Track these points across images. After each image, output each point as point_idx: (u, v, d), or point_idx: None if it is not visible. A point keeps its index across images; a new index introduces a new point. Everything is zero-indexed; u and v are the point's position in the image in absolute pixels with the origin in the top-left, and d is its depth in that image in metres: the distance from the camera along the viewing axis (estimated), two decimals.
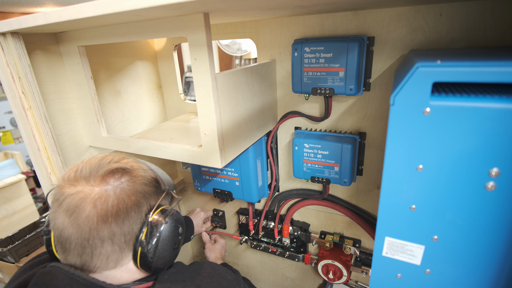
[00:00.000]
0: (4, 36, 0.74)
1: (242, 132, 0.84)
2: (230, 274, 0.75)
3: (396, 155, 0.47)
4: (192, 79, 2.84)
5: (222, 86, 0.71)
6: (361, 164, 0.97)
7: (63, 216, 0.53)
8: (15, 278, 0.62)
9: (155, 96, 1.26)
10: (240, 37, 1.04)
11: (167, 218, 0.59)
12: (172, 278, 0.64)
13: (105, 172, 0.56)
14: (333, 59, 0.82)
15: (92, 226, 0.52)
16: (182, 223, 0.63)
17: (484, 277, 0.48)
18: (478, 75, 0.39)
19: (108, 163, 0.58)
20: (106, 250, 0.55)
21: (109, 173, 0.56)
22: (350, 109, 0.93)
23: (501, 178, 0.42)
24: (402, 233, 0.52)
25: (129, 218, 0.55)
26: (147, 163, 0.66)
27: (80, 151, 1.01)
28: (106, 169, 0.56)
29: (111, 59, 1.05)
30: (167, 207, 0.61)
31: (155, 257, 0.58)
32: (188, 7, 0.54)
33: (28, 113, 0.80)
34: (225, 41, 2.10)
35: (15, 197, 2.55)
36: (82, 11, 0.59)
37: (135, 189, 0.57)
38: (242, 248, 1.44)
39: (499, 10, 0.68)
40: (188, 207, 1.53)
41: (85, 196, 0.53)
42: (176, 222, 0.61)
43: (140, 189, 0.58)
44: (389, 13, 0.79)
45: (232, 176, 1.06)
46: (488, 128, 0.40)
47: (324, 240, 1.10)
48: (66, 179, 0.56)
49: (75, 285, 0.52)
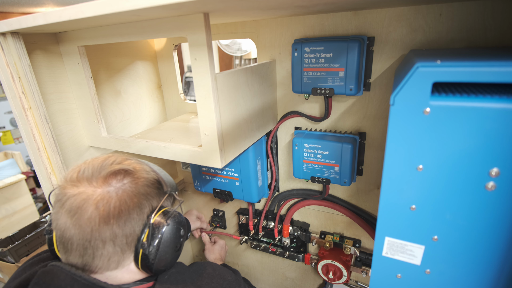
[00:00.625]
0: (4, 36, 0.74)
1: (242, 132, 0.84)
2: (230, 275, 0.75)
3: (396, 155, 0.47)
4: (192, 79, 2.83)
5: (222, 86, 0.71)
6: (361, 164, 0.97)
7: (65, 217, 0.53)
8: (16, 277, 0.62)
9: (155, 96, 1.26)
10: (240, 37, 1.04)
11: (169, 220, 0.59)
12: (172, 278, 0.64)
13: (107, 173, 0.56)
14: (333, 59, 0.82)
15: (94, 227, 0.52)
16: (184, 224, 0.63)
17: (484, 277, 0.48)
18: (478, 75, 0.39)
19: (110, 164, 0.58)
20: (107, 251, 0.55)
21: (111, 175, 0.56)
22: (350, 109, 0.93)
23: (501, 178, 0.42)
24: (402, 233, 0.52)
25: (131, 220, 0.55)
26: (150, 164, 0.66)
27: (80, 151, 1.01)
28: (109, 170, 0.56)
29: (111, 59, 1.05)
30: (169, 209, 0.61)
31: (156, 258, 0.58)
32: (188, 7, 0.54)
33: (28, 113, 0.80)
34: (225, 41, 2.11)
35: (15, 197, 2.55)
36: (82, 11, 0.59)
37: (137, 190, 0.57)
38: (242, 248, 1.44)
39: (499, 10, 0.68)
40: (188, 207, 1.53)
41: (87, 197, 0.53)
42: (177, 224, 0.60)
43: (142, 190, 0.57)
44: (389, 13, 0.79)
45: (232, 176, 1.06)
46: (488, 128, 0.40)
47: (324, 240, 1.10)
48: (69, 179, 0.56)
49: (76, 285, 0.52)
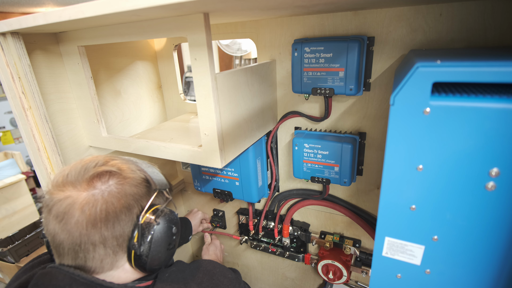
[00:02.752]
0: (4, 36, 0.74)
1: (242, 132, 0.84)
2: (231, 273, 0.75)
3: (396, 155, 0.47)
4: (192, 79, 2.83)
5: (222, 86, 0.71)
6: (361, 164, 0.97)
7: (54, 222, 0.53)
8: (16, 279, 0.62)
9: (155, 96, 1.26)
10: (240, 37, 1.04)
11: (158, 219, 0.58)
12: (173, 276, 0.64)
13: (91, 176, 0.55)
14: (333, 59, 0.82)
15: (82, 231, 0.52)
16: (175, 222, 0.61)
17: (484, 277, 0.48)
18: (478, 75, 0.39)
19: (93, 167, 0.56)
20: (99, 254, 0.54)
21: (95, 177, 0.55)
22: (350, 109, 0.93)
23: (501, 178, 0.42)
24: (402, 233, 0.52)
25: (119, 221, 0.54)
26: (138, 162, 0.64)
27: (80, 151, 1.01)
28: (92, 173, 0.55)
29: (111, 59, 1.05)
30: (159, 207, 0.59)
31: (149, 258, 0.57)
32: (188, 7, 0.54)
33: (28, 113, 0.80)
34: (225, 41, 2.11)
35: (15, 197, 2.55)
36: (82, 11, 0.59)
37: (124, 191, 0.55)
38: (242, 248, 1.44)
39: (499, 10, 0.68)
40: (188, 207, 1.53)
41: (73, 201, 0.52)
42: (169, 222, 0.59)
43: (129, 191, 0.56)
44: (389, 13, 0.79)
45: (232, 176, 1.06)
46: (488, 128, 0.40)
47: (324, 240, 1.10)
48: (55, 184, 0.55)
49: (74, 285, 0.52)
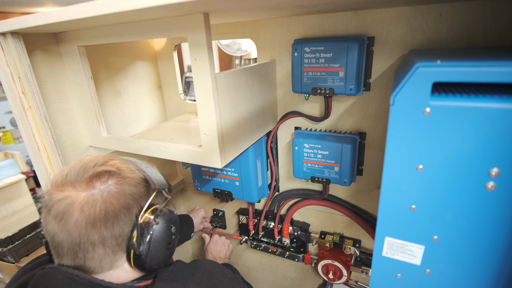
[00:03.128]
0: (4, 36, 0.74)
1: (242, 132, 0.84)
2: (230, 273, 0.75)
3: (396, 155, 0.47)
4: (192, 79, 2.83)
5: (222, 86, 0.71)
6: (361, 164, 0.97)
7: (53, 223, 0.53)
8: (15, 280, 0.62)
9: (155, 96, 1.26)
10: (240, 37, 1.04)
11: (158, 219, 0.58)
12: (172, 275, 0.64)
13: (90, 176, 0.55)
14: (333, 59, 0.82)
15: (81, 231, 0.52)
16: (175, 222, 0.61)
17: (484, 277, 0.48)
18: (478, 75, 0.39)
19: (93, 167, 0.56)
20: (98, 254, 0.54)
21: (94, 177, 0.55)
22: (350, 109, 0.93)
23: (501, 178, 0.42)
24: (402, 233, 0.52)
25: (119, 221, 0.54)
26: (137, 162, 0.64)
27: (80, 151, 1.01)
28: (91, 173, 0.55)
29: (111, 59, 1.05)
30: (158, 207, 0.59)
31: (148, 258, 0.57)
32: (188, 7, 0.54)
33: (28, 113, 0.80)
34: (225, 41, 2.11)
35: (15, 197, 2.55)
36: (82, 11, 0.59)
37: (123, 191, 0.56)
38: (242, 248, 1.44)
39: (499, 10, 0.68)
40: (188, 207, 1.53)
41: (72, 201, 0.52)
42: (168, 222, 0.59)
43: (129, 191, 0.56)
44: (389, 13, 0.79)
45: (232, 176, 1.06)
46: (488, 128, 0.40)
47: (324, 240, 1.10)
48: (54, 184, 0.55)
49: (73, 285, 0.52)
